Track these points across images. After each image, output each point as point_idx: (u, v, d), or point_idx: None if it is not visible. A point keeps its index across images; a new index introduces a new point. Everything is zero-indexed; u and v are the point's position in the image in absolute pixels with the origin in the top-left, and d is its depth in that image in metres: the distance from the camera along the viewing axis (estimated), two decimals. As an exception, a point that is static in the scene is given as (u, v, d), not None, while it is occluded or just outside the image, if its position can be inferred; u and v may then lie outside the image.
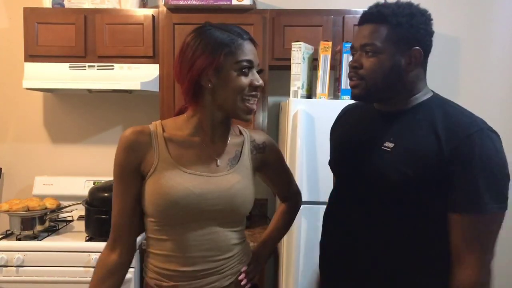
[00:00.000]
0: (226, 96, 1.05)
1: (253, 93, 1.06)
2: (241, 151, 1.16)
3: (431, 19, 1.11)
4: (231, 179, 1.10)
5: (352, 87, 1.14)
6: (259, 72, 1.10)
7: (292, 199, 1.37)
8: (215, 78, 1.04)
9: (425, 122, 1.08)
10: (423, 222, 1.08)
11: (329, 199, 1.32)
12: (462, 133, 1.02)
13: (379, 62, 1.09)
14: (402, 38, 1.08)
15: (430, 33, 1.11)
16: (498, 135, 1.06)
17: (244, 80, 1.04)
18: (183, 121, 1.13)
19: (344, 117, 1.37)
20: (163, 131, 1.11)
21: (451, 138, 1.02)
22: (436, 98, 1.14)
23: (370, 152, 1.15)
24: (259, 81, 1.06)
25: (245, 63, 1.04)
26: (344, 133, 1.31)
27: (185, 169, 1.07)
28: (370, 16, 1.11)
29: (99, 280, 1.11)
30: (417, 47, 1.08)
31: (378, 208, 1.12)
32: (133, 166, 1.08)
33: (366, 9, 1.14)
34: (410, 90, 1.12)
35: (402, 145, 1.09)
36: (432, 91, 1.17)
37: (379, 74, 1.09)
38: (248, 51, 1.05)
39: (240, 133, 1.21)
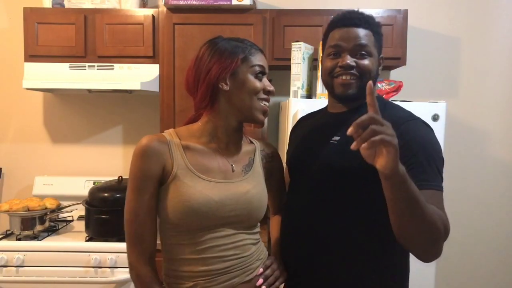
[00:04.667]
0: (243, 98, 1.11)
1: (266, 97, 1.14)
2: (253, 158, 1.21)
3: None
4: (246, 185, 1.14)
5: (348, 85, 1.19)
6: (269, 81, 1.17)
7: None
8: (231, 81, 1.10)
9: None
10: (372, 208, 1.11)
11: (287, 198, 1.33)
12: (399, 121, 1.09)
13: (371, 64, 1.19)
14: (378, 45, 1.22)
15: None
16: (432, 128, 1.16)
17: (259, 83, 1.12)
18: (198, 128, 1.16)
19: (300, 125, 1.45)
20: (179, 139, 1.13)
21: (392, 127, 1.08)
22: (379, 99, 1.21)
23: (321, 146, 1.22)
24: (271, 87, 1.15)
25: (258, 68, 1.13)
26: (300, 136, 1.37)
27: (203, 176, 1.09)
28: (358, 21, 1.19)
29: None
30: (382, 55, 1.24)
31: (331, 196, 1.17)
32: (155, 173, 1.07)
33: (344, 12, 1.24)
34: None
35: (346, 137, 1.10)
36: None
37: (371, 73, 1.19)
38: (261, 59, 1.15)
39: (251, 142, 1.27)
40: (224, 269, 1.08)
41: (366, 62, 1.18)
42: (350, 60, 1.17)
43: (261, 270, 1.15)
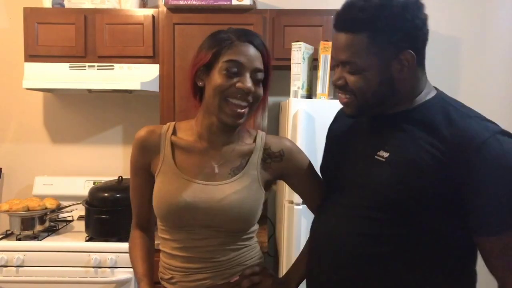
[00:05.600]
0: (210, 96, 1.03)
1: (238, 95, 1.00)
2: (247, 161, 1.11)
3: (423, 5, 0.94)
4: (227, 190, 1.06)
5: (344, 105, 1.01)
6: (259, 82, 1.04)
7: None
8: (205, 76, 1.05)
9: (426, 128, 0.92)
10: (424, 245, 0.94)
11: (321, 208, 1.15)
12: (472, 143, 0.85)
13: (364, 80, 0.93)
14: (387, 45, 0.91)
15: (424, 23, 0.93)
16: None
17: (228, 80, 1.00)
18: (191, 125, 1.14)
19: (342, 117, 1.20)
20: (174, 133, 1.13)
21: (460, 150, 0.86)
22: (439, 99, 0.98)
23: (363, 162, 1.01)
24: (244, 84, 1.00)
25: (230, 63, 1.00)
26: (340, 138, 1.15)
27: (184, 175, 1.08)
28: (343, 24, 0.93)
29: (142, 257, 1.17)
30: (408, 50, 0.91)
31: (371, 226, 0.96)
32: (143, 165, 1.14)
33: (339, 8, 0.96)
34: (411, 93, 0.98)
35: (398, 155, 0.94)
36: (436, 88, 1.03)
37: (368, 91, 0.94)
38: (240, 53, 1.01)
39: (255, 140, 1.15)
40: (200, 268, 1.08)
41: (353, 79, 0.94)
42: (337, 77, 0.97)
43: (235, 278, 1.10)
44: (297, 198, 1.80)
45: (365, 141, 1.04)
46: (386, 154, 0.95)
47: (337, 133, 1.18)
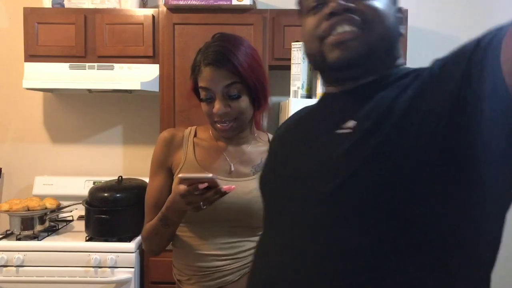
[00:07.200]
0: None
1: (217, 119, 1.09)
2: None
3: None
4: (251, 185, 1.12)
5: (343, 41, 0.70)
6: (237, 96, 1.06)
7: None
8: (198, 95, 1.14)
9: (398, 87, 0.71)
10: (436, 245, 0.64)
11: (262, 237, 0.87)
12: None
13: (383, 6, 0.72)
14: None
15: None
16: None
17: (208, 108, 1.09)
18: (209, 127, 1.20)
19: (283, 128, 0.96)
20: (195, 135, 1.20)
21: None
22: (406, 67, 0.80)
23: (318, 143, 0.74)
24: (216, 110, 1.07)
25: (203, 91, 1.09)
26: (283, 137, 0.91)
27: (206, 172, 1.11)
28: None
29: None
30: (398, 5, 0.78)
31: (336, 227, 0.66)
32: (166, 161, 1.16)
33: None
34: (390, 60, 0.77)
35: (371, 119, 0.67)
36: None
37: (385, 23, 0.72)
38: (205, 78, 1.07)
39: (269, 141, 1.24)
40: (218, 267, 1.10)
41: (363, 5, 0.70)
42: (340, 1, 0.70)
43: None
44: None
45: (316, 122, 0.79)
46: (352, 123, 0.69)
47: (278, 139, 0.94)
